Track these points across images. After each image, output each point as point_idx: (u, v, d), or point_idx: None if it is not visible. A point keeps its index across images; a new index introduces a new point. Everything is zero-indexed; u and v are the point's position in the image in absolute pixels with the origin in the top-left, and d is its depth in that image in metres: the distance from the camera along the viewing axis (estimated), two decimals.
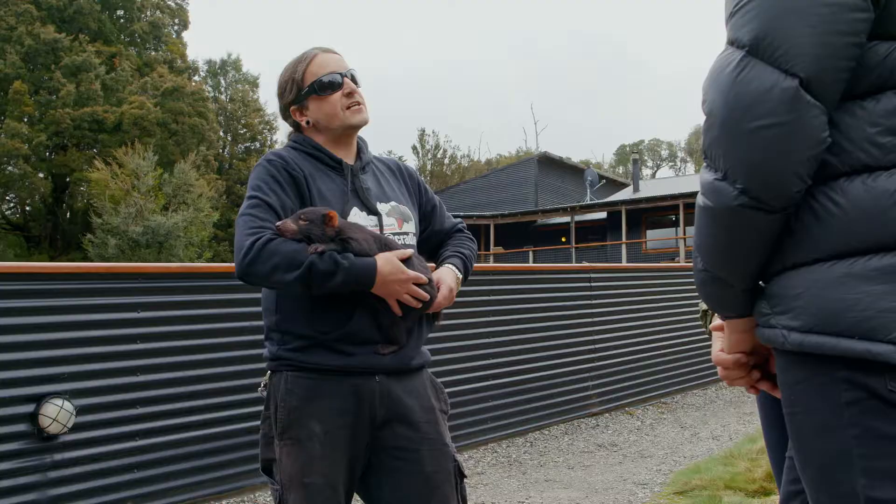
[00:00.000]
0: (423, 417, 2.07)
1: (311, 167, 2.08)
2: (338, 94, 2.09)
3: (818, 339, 1.10)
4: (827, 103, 1.08)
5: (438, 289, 2.06)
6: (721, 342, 1.42)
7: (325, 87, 2.09)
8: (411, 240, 2.16)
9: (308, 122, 2.14)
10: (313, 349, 1.97)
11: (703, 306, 1.87)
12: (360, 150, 2.21)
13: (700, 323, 1.91)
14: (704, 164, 1.20)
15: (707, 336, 1.91)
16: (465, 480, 2.16)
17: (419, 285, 1.98)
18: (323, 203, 2.01)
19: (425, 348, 2.17)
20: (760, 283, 1.23)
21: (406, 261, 1.99)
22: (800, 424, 1.18)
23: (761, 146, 1.09)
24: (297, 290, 1.92)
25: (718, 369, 1.43)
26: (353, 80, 2.14)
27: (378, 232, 2.05)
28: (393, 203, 2.16)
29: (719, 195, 1.15)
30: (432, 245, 2.32)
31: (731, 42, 1.15)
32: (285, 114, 2.19)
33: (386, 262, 1.93)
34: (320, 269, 1.85)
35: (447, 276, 2.13)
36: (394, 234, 2.09)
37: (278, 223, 1.91)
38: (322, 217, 1.90)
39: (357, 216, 2.05)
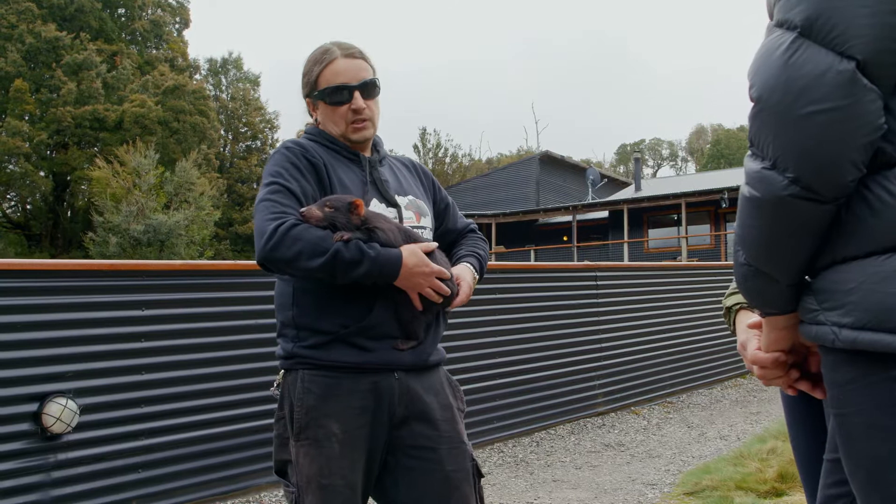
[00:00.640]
0: (442, 415, 2.02)
1: (330, 156, 2.04)
2: (345, 108, 2.04)
3: (872, 337, 1.04)
4: (883, 88, 1.03)
5: (458, 285, 2.02)
6: (757, 340, 1.36)
7: (333, 100, 2.05)
8: (428, 235, 2.12)
9: (317, 121, 2.12)
10: (331, 345, 1.91)
11: (728, 303, 1.80)
12: (376, 144, 2.17)
13: (724, 321, 1.84)
14: (750, 152, 1.14)
15: (731, 333, 1.85)
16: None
17: (441, 280, 1.93)
18: (344, 192, 1.97)
19: (440, 346, 2.12)
20: (807, 277, 1.18)
21: (429, 254, 1.94)
22: (850, 426, 1.12)
23: (814, 132, 1.03)
24: (319, 278, 1.87)
25: (755, 369, 1.37)
26: (368, 90, 2.07)
27: (398, 223, 2.01)
28: (410, 197, 2.13)
29: (767, 185, 1.09)
30: (445, 244, 2.28)
31: (781, 24, 1.09)
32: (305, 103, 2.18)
33: (411, 253, 1.89)
34: (346, 258, 1.80)
35: (466, 273, 2.10)
36: (411, 227, 2.05)
37: (303, 209, 1.86)
38: (348, 205, 1.86)
39: (376, 208, 2.01)
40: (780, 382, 1.34)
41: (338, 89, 2.03)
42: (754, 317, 1.72)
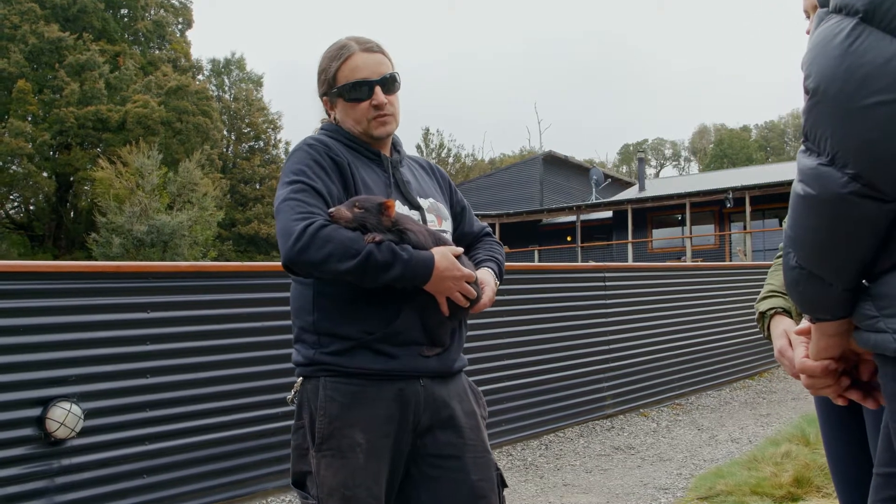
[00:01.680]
0: (467, 423, 1.96)
1: (351, 155, 1.96)
2: (365, 104, 1.97)
3: None
4: None
5: (483, 289, 1.95)
6: (805, 348, 1.29)
7: (353, 96, 1.97)
8: (449, 238, 2.04)
9: (334, 119, 2.04)
10: (354, 352, 1.84)
11: (762, 307, 1.72)
12: (396, 144, 2.10)
13: (757, 327, 1.76)
14: (804, 147, 1.06)
15: (765, 339, 1.78)
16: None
17: (469, 284, 1.87)
18: (367, 192, 1.89)
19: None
20: (864, 281, 1.10)
21: (457, 257, 1.87)
22: None
23: (878, 125, 0.95)
24: (348, 282, 1.78)
25: (802, 377, 1.30)
26: (388, 85, 2.00)
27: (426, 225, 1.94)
28: (431, 199, 2.07)
29: (825, 182, 1.01)
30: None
31: (840, 9, 1.01)
32: (322, 101, 2.09)
33: (442, 256, 1.82)
34: (378, 260, 1.73)
35: (489, 278, 2.03)
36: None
37: (331, 210, 1.78)
38: (378, 206, 1.79)
39: (400, 210, 1.93)
40: (830, 392, 1.27)
41: (357, 85, 1.96)
42: (789, 321, 1.65)
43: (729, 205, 23.99)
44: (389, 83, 1.99)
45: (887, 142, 0.95)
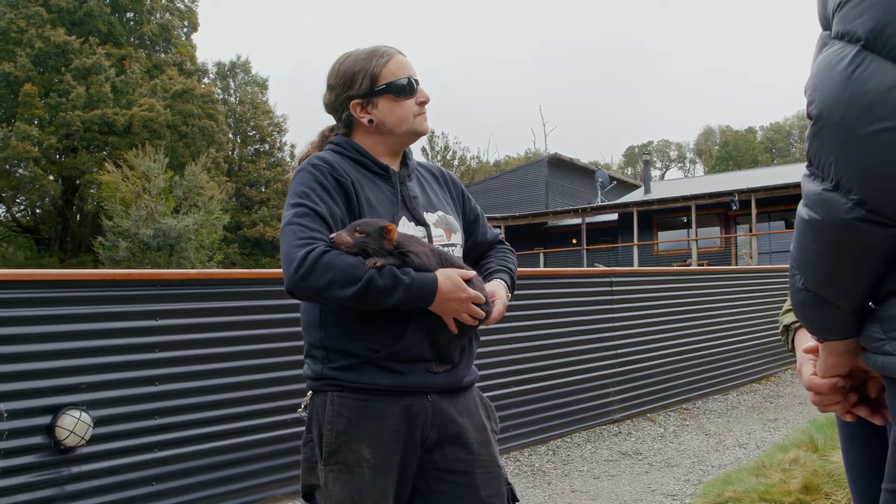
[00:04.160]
0: (476, 438, 1.95)
1: (357, 173, 1.96)
2: (412, 100, 2.01)
3: None
4: None
5: (493, 303, 1.95)
6: (812, 365, 1.30)
7: (403, 90, 1.99)
8: (459, 251, 2.05)
9: (371, 122, 2.00)
10: (362, 367, 1.85)
11: (786, 321, 1.73)
12: (406, 156, 2.09)
13: (781, 339, 1.77)
14: (808, 172, 1.08)
15: (788, 351, 1.78)
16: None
17: (477, 304, 1.87)
18: (372, 212, 1.89)
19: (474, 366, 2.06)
20: (870, 304, 1.11)
21: (467, 281, 1.87)
22: None
23: (882, 152, 0.97)
24: (352, 307, 1.79)
25: (810, 395, 1.31)
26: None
27: (431, 244, 1.94)
28: (440, 213, 2.05)
29: (829, 207, 1.02)
30: (473, 257, 2.20)
31: (842, 36, 1.02)
32: (341, 107, 2.04)
33: (447, 278, 1.81)
34: (379, 286, 1.73)
35: (500, 290, 2.02)
36: (442, 245, 1.98)
37: (332, 235, 1.79)
38: (380, 230, 1.78)
39: (405, 227, 1.93)
40: (838, 408, 1.28)
41: (406, 81, 2.00)
42: (811, 339, 1.66)
43: (734, 207, 23.96)
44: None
45: (891, 168, 0.97)
